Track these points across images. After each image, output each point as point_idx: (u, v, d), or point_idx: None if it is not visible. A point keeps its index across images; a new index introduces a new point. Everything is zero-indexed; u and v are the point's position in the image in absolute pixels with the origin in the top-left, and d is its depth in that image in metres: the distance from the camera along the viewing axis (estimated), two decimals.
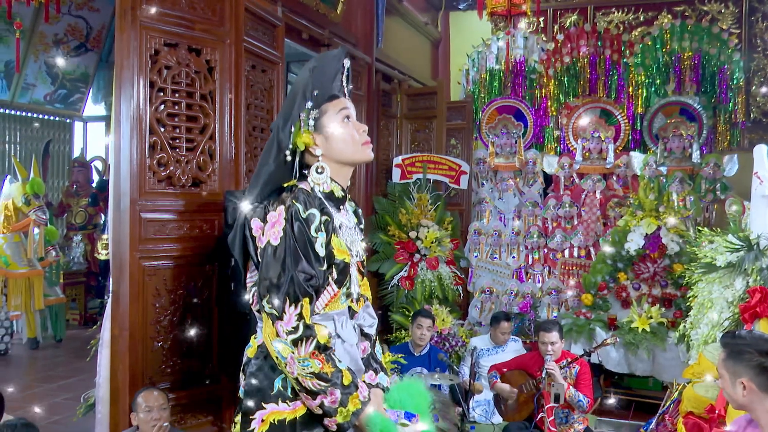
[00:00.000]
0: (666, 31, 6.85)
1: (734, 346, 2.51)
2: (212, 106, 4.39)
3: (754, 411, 2.49)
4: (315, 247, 2.04)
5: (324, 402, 2.00)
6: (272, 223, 2.05)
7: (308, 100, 2.13)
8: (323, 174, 2.14)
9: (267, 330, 2.04)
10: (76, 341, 7.88)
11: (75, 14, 9.76)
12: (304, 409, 2.09)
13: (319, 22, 6.08)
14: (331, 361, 2.01)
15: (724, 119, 6.80)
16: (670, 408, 4.24)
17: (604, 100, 7.07)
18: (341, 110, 2.18)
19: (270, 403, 2.10)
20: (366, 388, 2.09)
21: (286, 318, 1.97)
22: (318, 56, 2.27)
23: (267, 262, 2.03)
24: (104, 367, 4.09)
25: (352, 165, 2.26)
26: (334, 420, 2.02)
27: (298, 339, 1.97)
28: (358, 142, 2.19)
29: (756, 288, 3.69)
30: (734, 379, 2.47)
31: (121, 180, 4.00)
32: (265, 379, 2.12)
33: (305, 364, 1.97)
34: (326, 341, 2.02)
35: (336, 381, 2.00)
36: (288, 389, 2.09)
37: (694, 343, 4.28)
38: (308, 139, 2.14)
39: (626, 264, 6.23)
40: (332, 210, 2.14)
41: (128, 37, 4.02)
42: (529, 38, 7.69)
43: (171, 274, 4.24)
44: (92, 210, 9.73)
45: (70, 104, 11.00)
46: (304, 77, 2.17)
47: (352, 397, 2.03)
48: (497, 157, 7.35)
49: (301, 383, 2.01)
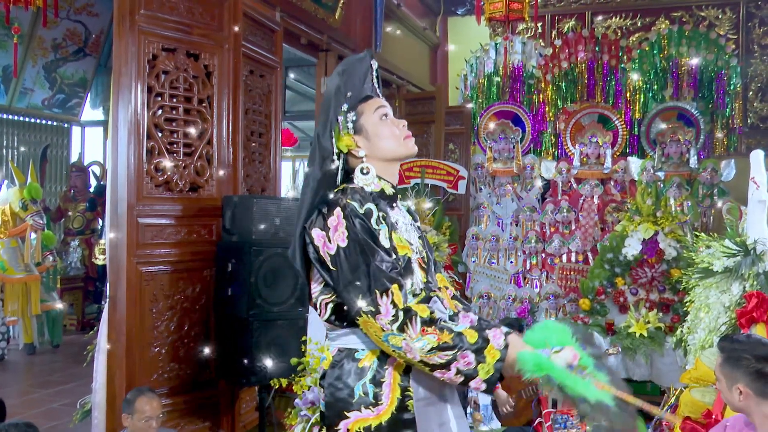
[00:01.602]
0: (663, 37, 6.87)
1: (732, 351, 2.52)
2: (210, 110, 4.40)
3: (750, 415, 2.50)
4: (380, 240, 2.00)
5: (459, 368, 1.93)
6: (334, 227, 2.00)
7: (343, 104, 2.12)
8: (369, 174, 2.13)
9: (371, 332, 1.99)
10: (72, 346, 7.83)
11: (74, 19, 9.80)
12: (389, 414, 2.04)
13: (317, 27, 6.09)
14: (445, 329, 1.94)
15: (721, 124, 6.80)
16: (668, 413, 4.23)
17: (601, 106, 7.08)
18: (378, 109, 2.17)
19: (353, 412, 2.04)
20: (501, 335, 1.98)
21: (383, 310, 1.92)
22: (344, 60, 2.23)
23: (343, 265, 1.98)
24: (101, 373, 4.08)
25: (398, 161, 2.24)
26: (479, 379, 1.95)
27: (402, 324, 1.91)
28: (399, 137, 2.17)
29: (753, 293, 3.65)
30: (731, 384, 2.48)
31: (118, 185, 4.02)
32: (345, 388, 2.07)
33: (422, 344, 1.91)
34: (429, 314, 1.94)
35: (461, 344, 1.92)
36: (370, 395, 2.04)
37: (691, 348, 4.26)
38: (350, 142, 2.13)
39: (624, 269, 6.22)
40: (386, 207, 2.12)
41: (126, 42, 4.03)
42: (527, 43, 7.70)
43: (168, 279, 4.25)
44: (90, 215, 9.70)
45: (68, 109, 11.00)
46: (335, 82, 2.16)
47: (487, 350, 1.94)
48: (495, 162, 7.36)
49: (428, 363, 1.94)
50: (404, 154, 2.22)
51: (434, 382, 2.09)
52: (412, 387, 2.07)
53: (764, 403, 2.44)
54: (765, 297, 3.57)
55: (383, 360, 2.07)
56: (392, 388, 2.06)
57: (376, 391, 2.05)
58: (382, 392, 2.05)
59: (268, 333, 4.05)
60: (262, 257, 4.00)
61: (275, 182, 5.09)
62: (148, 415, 3.43)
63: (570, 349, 1.96)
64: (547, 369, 1.93)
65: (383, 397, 2.05)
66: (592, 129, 7.02)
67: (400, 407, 2.05)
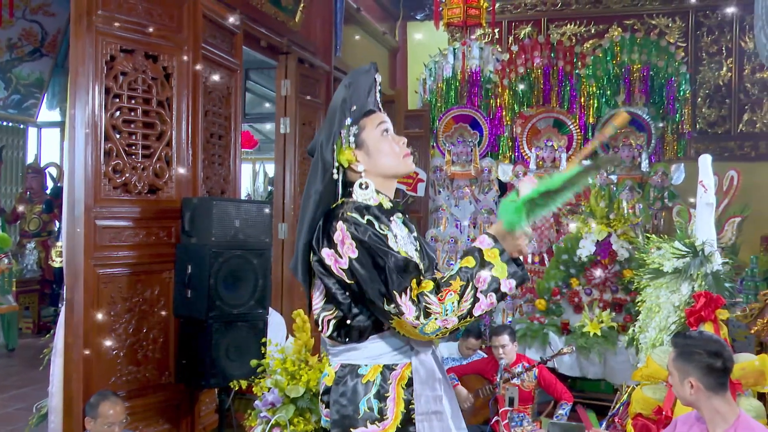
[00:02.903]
0: (616, 44, 7.03)
1: (684, 346, 2.59)
2: (169, 112, 4.36)
3: (700, 408, 2.58)
4: (388, 243, 2.00)
5: (484, 290, 1.94)
6: (341, 242, 2.00)
7: (347, 117, 2.11)
8: (368, 189, 2.13)
9: (407, 331, 2.01)
10: (28, 350, 7.77)
11: (30, 18, 9.62)
12: (394, 428, 2.05)
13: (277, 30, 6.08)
14: (450, 279, 1.96)
15: (671, 129, 6.98)
16: (620, 410, 4.29)
17: (557, 110, 7.21)
18: (380, 124, 2.16)
19: (359, 428, 2.06)
20: (484, 237, 2.02)
21: (405, 309, 1.93)
22: (351, 72, 2.21)
23: (361, 274, 1.98)
24: (57, 377, 4.02)
25: (396, 177, 2.24)
26: (503, 281, 1.97)
27: (425, 310, 1.93)
28: (399, 155, 2.17)
29: (701, 293, 3.74)
30: (683, 378, 2.55)
31: (75, 187, 3.95)
32: (349, 405, 2.08)
33: (449, 308, 1.93)
34: (433, 284, 1.96)
35: (469, 274, 1.96)
36: (375, 410, 2.06)
37: (642, 346, 4.33)
38: (350, 156, 2.12)
39: (578, 270, 6.36)
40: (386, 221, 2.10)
41: (83, 42, 3.97)
42: (484, 49, 7.80)
43: (127, 281, 4.20)
44: (46, 217, 9.58)
45: (24, 110, 10.78)
46: (341, 94, 2.14)
47: (486, 256, 1.97)
48: (453, 165, 7.45)
49: (466, 314, 1.94)
50: (403, 172, 2.23)
51: (433, 394, 2.12)
52: (415, 400, 2.08)
53: (714, 398, 2.53)
54: (713, 297, 3.67)
55: (386, 374, 2.08)
56: (396, 403, 2.07)
57: (380, 406, 2.06)
58: (387, 407, 2.06)
59: (228, 335, 4.04)
60: (221, 259, 3.99)
61: (235, 184, 5.07)
62: (111, 420, 3.44)
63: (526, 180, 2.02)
64: (525, 200, 1.96)
65: (388, 411, 2.06)
66: (547, 133, 7.15)
67: (405, 420, 2.07)
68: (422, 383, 2.10)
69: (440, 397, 2.14)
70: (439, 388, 2.14)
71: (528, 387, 4.75)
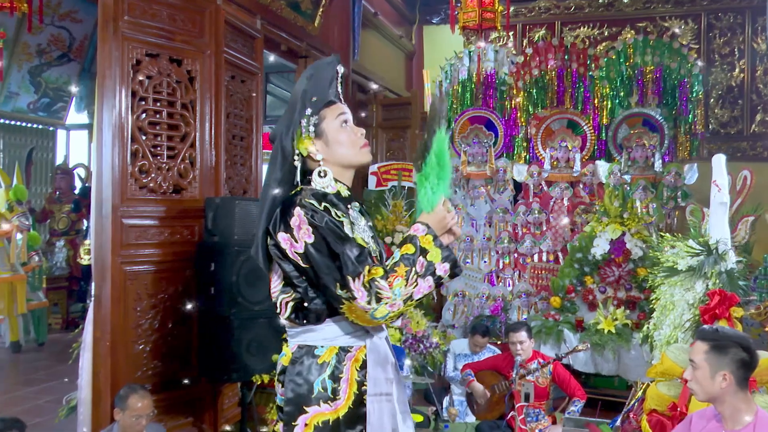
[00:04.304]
0: (629, 46, 7.06)
1: (719, 340, 2.59)
2: (193, 114, 4.46)
3: (723, 403, 2.58)
4: (344, 229, 2.06)
5: (421, 274, 2.03)
6: (297, 227, 2.05)
7: (307, 107, 2.18)
8: (326, 177, 2.19)
9: (357, 316, 2.05)
10: (58, 345, 7.92)
11: (58, 25, 9.81)
12: (346, 408, 2.12)
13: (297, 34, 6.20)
14: (395, 265, 2.03)
15: (684, 130, 6.97)
16: (635, 406, 4.31)
17: (570, 112, 7.24)
18: (339, 115, 2.22)
19: (312, 406, 2.11)
20: (418, 225, 2.11)
21: (357, 294, 1.98)
22: (313, 64, 2.30)
23: (315, 259, 2.04)
24: (86, 370, 4.12)
25: (353, 167, 2.31)
26: (438, 264, 2.06)
27: (376, 295, 1.99)
28: (357, 145, 2.22)
29: (715, 291, 3.74)
30: (715, 371, 2.55)
31: (103, 186, 4.05)
32: (304, 384, 2.13)
33: (397, 293, 1.99)
34: (382, 270, 2.02)
35: (410, 259, 2.04)
36: (328, 390, 2.11)
37: (657, 343, 4.33)
38: (309, 145, 2.19)
39: (592, 268, 6.40)
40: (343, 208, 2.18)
41: (110, 47, 4.07)
42: (499, 52, 7.84)
43: (152, 278, 4.30)
44: (74, 216, 9.75)
45: (53, 113, 11.02)
46: (302, 85, 2.22)
47: (421, 243, 2.06)
48: (469, 165, 7.50)
49: (409, 297, 2.02)
50: (359, 162, 2.29)
51: (385, 376, 2.20)
52: (368, 381, 2.16)
53: (739, 393, 2.55)
54: (727, 294, 3.68)
55: (342, 356, 2.14)
56: (349, 384, 2.14)
57: (334, 386, 2.12)
58: (340, 387, 2.13)
59: (249, 331, 4.11)
60: (243, 257, 4.06)
61: (256, 184, 5.16)
62: (138, 412, 3.53)
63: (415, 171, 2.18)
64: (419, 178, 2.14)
65: (341, 392, 2.12)
66: (561, 134, 7.19)
67: (357, 402, 2.14)
68: (376, 365, 2.17)
69: (391, 380, 2.22)
70: (390, 371, 2.22)
71: (543, 383, 4.79)
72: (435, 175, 2.13)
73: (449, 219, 2.15)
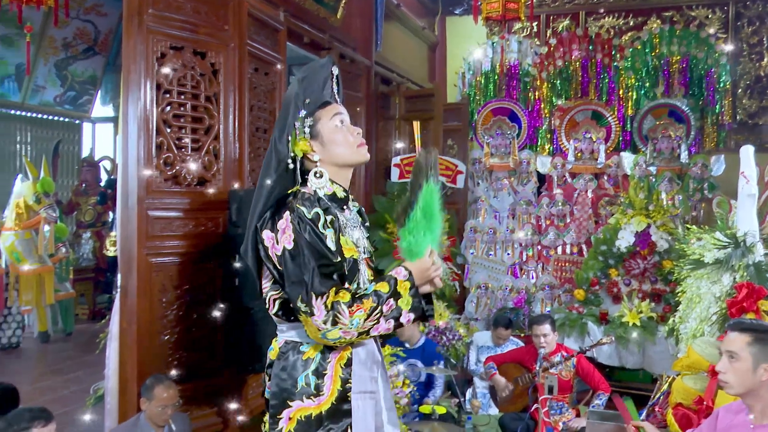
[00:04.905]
0: (655, 36, 6.99)
1: (763, 332, 2.55)
2: (217, 107, 4.48)
3: (756, 397, 2.54)
4: (326, 243, 2.09)
5: (386, 315, 2.08)
6: (282, 230, 2.09)
7: (301, 109, 2.19)
8: (322, 178, 2.20)
9: (310, 331, 2.10)
10: (84, 335, 8.00)
11: (83, 18, 9.91)
12: (329, 404, 2.15)
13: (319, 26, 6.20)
14: (364, 297, 2.07)
15: (711, 121, 6.92)
16: (660, 400, 4.28)
17: (595, 103, 7.21)
18: (334, 115, 2.23)
19: (296, 401, 2.15)
20: (401, 269, 2.16)
21: (317, 311, 2.02)
22: (306, 66, 2.31)
23: (288, 266, 2.07)
24: (113, 360, 4.16)
25: (350, 167, 2.32)
26: (404, 312, 2.11)
27: (334, 318, 2.02)
28: (353, 145, 2.24)
29: (743, 284, 3.72)
30: (758, 364, 2.50)
31: (128, 179, 4.08)
32: (288, 378, 2.16)
33: (355, 323, 2.04)
34: (350, 296, 2.07)
35: (381, 298, 2.07)
36: (312, 386, 2.15)
37: (683, 336, 4.32)
38: (305, 146, 2.20)
39: (617, 261, 6.36)
40: (336, 210, 2.20)
41: (135, 40, 4.08)
42: (522, 42, 7.82)
43: (177, 270, 4.31)
44: (100, 208, 9.87)
45: (79, 106, 11.13)
46: (295, 88, 2.24)
47: (398, 287, 2.11)
48: (492, 157, 7.49)
49: (365, 331, 2.07)
50: (356, 161, 2.30)
51: (370, 375, 2.23)
52: (352, 379, 2.18)
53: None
54: (755, 287, 3.66)
55: (326, 353, 2.17)
56: (333, 380, 2.16)
57: (317, 382, 2.15)
58: (324, 383, 2.15)
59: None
60: None
61: None
62: (164, 402, 3.57)
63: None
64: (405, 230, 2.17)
65: (324, 388, 2.15)
66: (586, 125, 7.15)
67: (340, 398, 2.17)
68: (361, 364, 2.20)
69: (376, 378, 2.26)
70: (376, 370, 2.26)
71: (567, 376, 4.78)
72: (422, 228, 2.17)
73: (432, 270, 2.19)
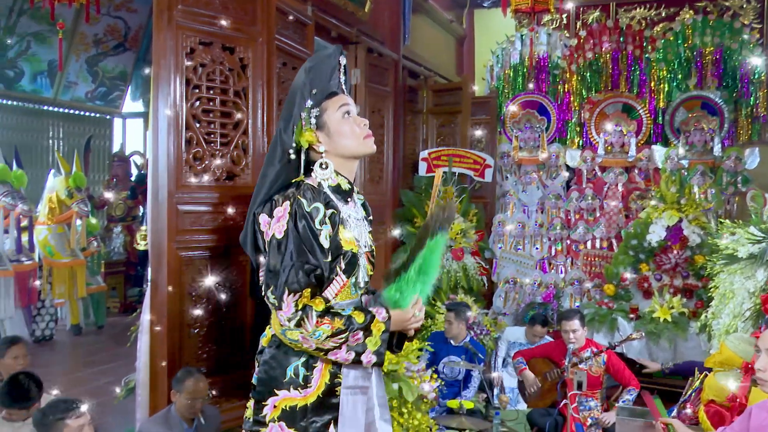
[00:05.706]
0: (687, 27, 6.89)
1: None
2: (245, 102, 4.49)
3: None
4: (320, 240, 2.08)
5: (350, 345, 2.07)
6: (278, 218, 2.08)
7: (308, 99, 2.18)
8: (327, 169, 2.20)
9: (273, 322, 2.10)
10: (116, 328, 8.11)
11: (114, 15, 10.04)
12: (315, 397, 2.15)
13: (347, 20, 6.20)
14: (336, 316, 2.06)
15: (745, 113, 6.81)
16: (692, 396, 4.25)
17: (626, 95, 7.13)
18: (341, 106, 2.21)
19: (282, 390, 2.15)
20: (383, 310, 2.15)
21: (285, 307, 2.02)
22: (313, 56, 2.30)
23: (272, 254, 2.07)
24: (144, 353, 4.19)
25: (356, 158, 2.30)
26: (369, 351, 2.10)
27: (299, 320, 2.02)
28: (359, 136, 2.23)
29: None
30: None
31: (159, 173, 4.11)
32: (278, 367, 2.16)
33: (317, 335, 2.03)
34: (324, 307, 2.06)
35: (351, 326, 2.06)
36: (300, 377, 2.14)
37: (715, 332, 4.29)
38: (311, 137, 2.19)
39: (648, 255, 6.29)
40: (339, 203, 2.20)
41: (165, 36, 4.11)
42: (552, 34, 7.76)
43: (206, 263, 4.34)
44: (131, 203, 10.01)
45: (109, 101, 11.30)
46: (301, 78, 2.22)
47: (373, 324, 2.10)
48: (521, 150, 7.44)
49: (323, 349, 2.06)
50: (362, 152, 2.29)
51: (363, 371, 2.22)
52: (342, 374, 2.18)
53: None
54: None
55: None
56: (322, 374, 2.16)
57: (306, 374, 2.16)
58: (312, 376, 2.16)
59: None
60: None
61: None
62: (195, 395, 3.63)
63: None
64: (399, 281, 2.17)
65: (312, 380, 2.16)
66: (616, 118, 7.07)
67: (328, 392, 2.17)
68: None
69: (369, 374, 2.24)
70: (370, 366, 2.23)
71: (596, 372, 4.74)
72: (412, 285, 2.19)
73: (412, 322, 2.21)
